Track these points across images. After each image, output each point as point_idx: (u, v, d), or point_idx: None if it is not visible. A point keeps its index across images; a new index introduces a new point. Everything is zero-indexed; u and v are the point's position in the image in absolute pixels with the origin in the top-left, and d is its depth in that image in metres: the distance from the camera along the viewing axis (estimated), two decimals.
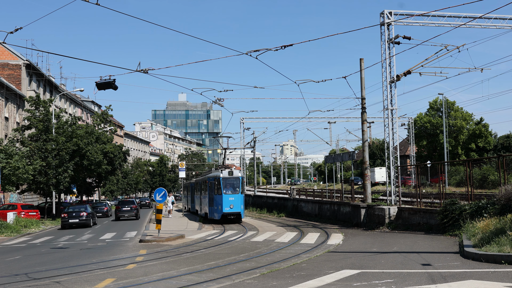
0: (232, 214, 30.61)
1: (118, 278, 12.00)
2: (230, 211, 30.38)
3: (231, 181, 31.18)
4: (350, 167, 77.86)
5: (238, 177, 31.37)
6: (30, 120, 39.94)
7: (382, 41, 25.74)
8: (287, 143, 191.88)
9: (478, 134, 63.20)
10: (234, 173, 31.67)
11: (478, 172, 44.69)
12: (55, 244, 22.56)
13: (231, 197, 30.58)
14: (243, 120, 57.51)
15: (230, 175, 31.23)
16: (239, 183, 31.25)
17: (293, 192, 41.99)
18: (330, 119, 61.01)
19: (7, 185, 32.93)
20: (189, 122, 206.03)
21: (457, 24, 25.44)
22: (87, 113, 75.56)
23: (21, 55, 52.04)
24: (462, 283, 9.45)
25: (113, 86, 16.56)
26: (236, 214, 30.74)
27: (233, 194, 30.71)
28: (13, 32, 14.04)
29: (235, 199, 30.68)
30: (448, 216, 18.87)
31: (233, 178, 31.25)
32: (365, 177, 26.98)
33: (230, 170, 31.63)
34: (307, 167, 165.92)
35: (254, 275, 11.74)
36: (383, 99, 26.03)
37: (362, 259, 13.71)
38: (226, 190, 30.83)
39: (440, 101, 63.05)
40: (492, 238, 13.03)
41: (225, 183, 31.08)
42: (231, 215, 30.67)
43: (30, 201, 48.11)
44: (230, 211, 30.39)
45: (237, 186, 31.10)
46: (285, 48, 15.73)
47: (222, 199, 30.40)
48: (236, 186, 31.09)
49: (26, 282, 11.91)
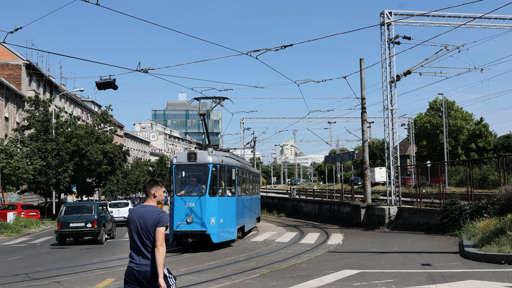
0: (191, 234, 16.92)
1: (118, 278, 11.99)
2: (185, 228, 16.86)
3: (192, 171, 17.98)
4: (350, 167, 77.84)
5: (205, 164, 17.29)
6: (30, 121, 39.94)
7: (382, 41, 25.74)
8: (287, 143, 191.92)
9: (478, 134, 63.20)
10: (199, 156, 17.44)
11: (478, 172, 44.69)
12: (55, 244, 22.55)
13: (189, 202, 16.99)
14: (243, 120, 57.51)
15: (191, 159, 17.48)
16: (207, 175, 17.18)
17: (293, 192, 41.98)
18: (330, 119, 61.01)
19: (7, 185, 32.92)
20: (189, 122, 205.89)
21: (457, 24, 25.44)
22: (87, 113, 75.53)
23: (21, 55, 52.03)
24: (462, 283, 9.45)
25: (113, 86, 16.54)
26: (198, 234, 16.94)
27: (194, 197, 17.11)
28: (13, 32, 14.03)
29: (198, 206, 16.99)
30: (448, 216, 18.86)
31: (195, 165, 17.62)
32: (365, 177, 26.98)
33: (191, 152, 17.83)
34: (307, 167, 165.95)
35: (254, 275, 11.73)
36: (383, 99, 26.04)
37: (362, 259, 13.71)
38: (180, 189, 17.58)
39: (440, 101, 63.06)
40: (492, 238, 13.02)
41: (180, 176, 17.94)
42: (189, 237, 17.02)
43: (30, 201, 48.10)
44: (185, 229, 16.86)
45: (204, 181, 17.31)
46: (285, 48, 15.72)
47: (173, 205, 17.32)
48: (203, 181, 17.37)
49: (26, 282, 11.91)
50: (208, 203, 17.13)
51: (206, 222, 16.99)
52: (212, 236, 17.10)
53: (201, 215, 17.01)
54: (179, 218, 16.93)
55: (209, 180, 17.24)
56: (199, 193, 17.27)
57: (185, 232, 16.94)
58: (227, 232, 18.21)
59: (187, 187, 17.69)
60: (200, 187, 17.44)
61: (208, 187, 17.21)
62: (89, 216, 21.38)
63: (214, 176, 17.49)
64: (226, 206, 18.24)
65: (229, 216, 18.40)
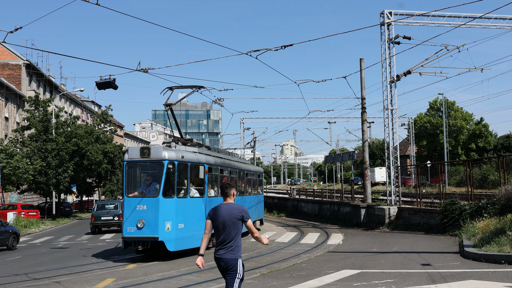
0: (142, 240, 15.00)
1: (118, 278, 12.00)
2: (135, 234, 14.94)
3: (146, 168, 15.83)
4: (350, 167, 77.85)
5: (160, 161, 15.10)
6: (30, 120, 39.95)
7: (382, 41, 25.75)
8: (287, 143, 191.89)
9: (478, 134, 63.23)
10: (153, 151, 15.30)
11: (478, 172, 44.70)
12: (55, 244, 22.56)
13: (140, 205, 15.01)
14: (243, 120, 57.52)
15: (144, 155, 15.31)
16: (162, 173, 15.01)
17: (293, 192, 42.00)
18: (330, 119, 61.00)
19: (7, 185, 32.92)
20: (189, 122, 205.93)
21: (457, 24, 25.44)
22: (87, 113, 75.54)
23: (21, 55, 52.04)
24: (462, 283, 9.45)
25: (113, 86, 16.55)
26: (150, 241, 14.95)
27: (146, 198, 15.05)
28: (13, 32, 14.03)
29: (151, 209, 14.91)
30: (448, 216, 18.86)
31: (149, 162, 15.45)
32: (365, 177, 26.99)
33: (144, 147, 15.50)
34: (307, 167, 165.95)
35: (254, 275, 11.73)
36: (383, 99, 26.04)
37: (362, 259, 13.71)
38: (132, 189, 15.65)
39: (440, 101, 63.08)
40: (492, 238, 13.02)
41: (132, 174, 15.92)
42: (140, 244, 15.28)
43: (30, 201, 48.10)
44: (135, 235, 14.95)
45: (158, 179, 15.13)
46: (285, 48, 15.73)
47: (124, 207, 15.42)
48: (157, 180, 15.16)
49: (26, 282, 11.92)
50: (162, 206, 14.92)
51: (159, 227, 14.82)
52: (167, 243, 14.89)
53: (153, 219, 14.83)
54: (130, 222, 14.99)
55: (163, 178, 14.94)
56: (152, 194, 15.04)
57: (134, 238, 14.98)
58: (190, 239, 15.76)
59: (142, 187, 15.53)
60: (154, 187, 15.15)
61: (162, 187, 14.90)
62: (115, 211, 27.70)
63: (171, 174, 15.19)
64: (190, 209, 15.98)
65: (194, 220, 16.01)
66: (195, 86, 18.47)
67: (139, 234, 14.88)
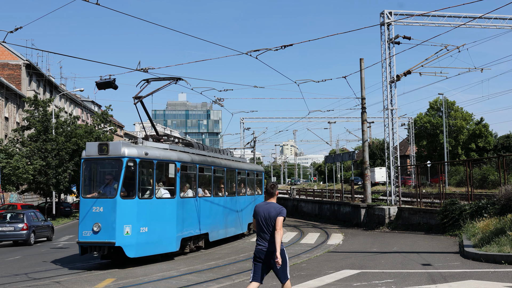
0: (98, 245, 13.70)
1: (118, 278, 12.00)
2: (91, 238, 13.70)
3: (104, 166, 14.60)
4: (350, 167, 77.85)
5: (119, 158, 13.83)
6: (30, 121, 39.95)
7: (382, 41, 25.75)
8: (287, 143, 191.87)
9: (478, 134, 63.24)
10: (112, 147, 14.01)
11: (478, 172, 44.71)
12: (55, 244, 22.56)
13: (96, 206, 13.79)
14: (243, 120, 57.51)
15: (103, 152, 14.07)
16: (121, 171, 13.72)
17: (293, 192, 42.01)
18: (330, 119, 60.99)
19: (7, 185, 32.92)
20: (189, 122, 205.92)
21: (457, 24, 25.45)
22: (87, 113, 75.54)
23: (21, 55, 52.04)
24: (462, 283, 9.44)
25: (113, 86, 16.51)
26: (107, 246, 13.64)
27: (103, 199, 13.88)
28: (13, 32, 14.03)
29: (108, 211, 13.69)
30: (448, 216, 18.87)
31: (108, 159, 14.26)
32: (365, 177, 27.00)
33: (102, 143, 14.17)
34: (307, 167, 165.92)
35: None
36: (383, 99, 26.05)
37: (362, 259, 13.71)
38: (89, 189, 14.60)
39: (440, 101, 63.08)
40: (492, 238, 13.02)
41: (90, 173, 14.78)
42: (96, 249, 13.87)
43: (30, 201, 48.09)
44: (90, 240, 13.71)
45: (117, 179, 13.90)
46: (285, 48, 15.72)
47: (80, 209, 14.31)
48: (116, 178, 13.96)
49: (26, 282, 11.91)
50: (120, 207, 13.63)
51: (116, 231, 13.48)
52: (125, 249, 13.57)
53: (110, 222, 13.54)
54: (85, 226, 13.73)
55: (121, 177, 13.64)
56: (109, 195, 13.80)
57: (89, 243, 13.68)
58: (156, 244, 14.58)
59: (102, 187, 14.24)
60: (112, 187, 13.90)
61: (119, 187, 13.61)
62: None
63: (131, 173, 13.90)
64: (157, 211, 14.68)
65: (162, 223, 14.78)
66: (172, 77, 16.98)
67: (94, 239, 13.59)
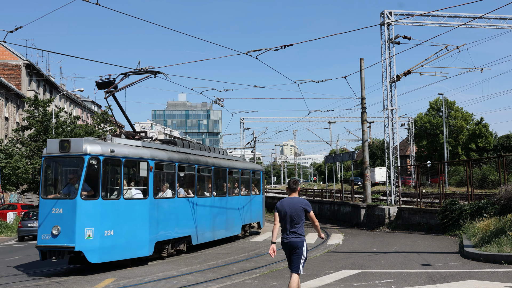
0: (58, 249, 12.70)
1: (118, 278, 12.00)
2: (49, 242, 12.74)
3: (66, 164, 13.73)
4: (350, 167, 77.85)
5: (80, 156, 12.92)
6: (29, 121, 39.95)
7: (382, 41, 25.75)
8: (287, 143, 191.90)
9: (478, 134, 63.24)
10: (74, 144, 13.07)
11: (478, 172, 44.71)
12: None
13: (56, 208, 12.81)
14: (243, 120, 57.47)
15: (64, 149, 13.12)
16: (82, 170, 12.79)
17: None
18: (330, 119, 60.95)
19: (7, 185, 32.93)
20: (189, 122, 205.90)
21: (457, 24, 25.45)
22: (87, 113, 75.53)
23: (21, 55, 52.05)
24: (462, 283, 9.44)
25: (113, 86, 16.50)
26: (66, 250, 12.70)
27: (63, 200, 12.92)
28: (13, 31, 14.03)
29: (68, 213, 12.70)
30: (448, 216, 18.86)
31: (69, 157, 13.30)
32: (365, 177, 26.99)
33: (64, 140, 13.29)
34: (307, 167, 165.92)
35: (254, 275, 11.73)
36: (383, 99, 26.04)
37: (362, 259, 13.71)
38: (49, 189, 13.84)
39: (440, 101, 63.08)
40: (492, 238, 13.02)
41: (51, 172, 13.93)
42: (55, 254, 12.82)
43: (30, 201, 48.06)
44: (49, 244, 12.75)
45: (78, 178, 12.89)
46: (285, 48, 15.72)
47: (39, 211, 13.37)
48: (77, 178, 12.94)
49: (26, 282, 11.91)
50: (80, 209, 12.64)
51: (76, 235, 12.47)
52: (87, 254, 12.58)
53: (70, 225, 12.54)
54: (44, 229, 12.76)
55: (82, 177, 12.68)
56: (70, 196, 12.89)
57: (48, 248, 12.71)
58: (125, 248, 13.56)
59: (63, 187, 13.33)
60: (74, 187, 12.95)
61: (80, 187, 12.63)
62: None
63: (94, 172, 12.96)
64: (125, 213, 13.64)
65: (131, 225, 13.78)
66: (150, 71, 16.27)
67: (53, 243, 12.59)
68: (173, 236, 15.69)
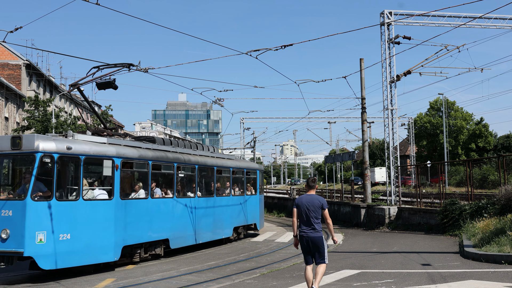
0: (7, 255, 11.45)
1: (118, 278, 12.00)
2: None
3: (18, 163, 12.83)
4: (350, 167, 77.85)
5: (31, 153, 11.76)
6: (29, 121, 39.95)
7: (382, 41, 25.75)
8: (287, 143, 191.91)
9: (478, 134, 63.25)
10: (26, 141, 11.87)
11: (478, 172, 44.71)
12: None
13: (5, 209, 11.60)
14: (243, 120, 57.49)
15: (16, 146, 11.91)
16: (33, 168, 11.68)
17: (293, 192, 42.00)
18: (330, 119, 60.97)
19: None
20: (189, 122, 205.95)
21: (457, 24, 25.45)
22: (87, 113, 75.56)
23: (21, 55, 52.06)
24: (462, 283, 9.44)
25: (113, 86, 16.47)
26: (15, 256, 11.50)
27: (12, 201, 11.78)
28: (13, 31, 14.04)
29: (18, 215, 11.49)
30: (448, 216, 18.86)
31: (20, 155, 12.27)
32: (365, 177, 26.99)
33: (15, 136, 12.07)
34: (307, 167, 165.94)
35: (254, 275, 11.73)
36: (383, 99, 26.05)
37: (362, 259, 13.71)
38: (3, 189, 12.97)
39: (440, 101, 63.09)
40: (492, 238, 13.02)
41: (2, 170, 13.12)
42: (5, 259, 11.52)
43: None
44: None
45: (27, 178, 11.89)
46: (285, 48, 15.71)
47: None
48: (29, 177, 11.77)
49: (26, 282, 11.89)
50: (30, 211, 11.45)
51: (26, 239, 11.31)
52: (38, 260, 11.47)
53: (19, 228, 11.35)
54: None
55: (33, 176, 11.54)
56: (19, 197, 11.76)
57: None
58: (85, 253, 12.47)
59: (21, 188, 12.12)
60: (25, 187, 11.82)
61: (31, 187, 11.48)
62: None
63: (47, 171, 11.81)
64: (85, 215, 12.51)
65: (93, 228, 12.67)
66: (123, 64, 15.58)
67: (2, 248, 11.32)
68: (146, 240, 14.55)
